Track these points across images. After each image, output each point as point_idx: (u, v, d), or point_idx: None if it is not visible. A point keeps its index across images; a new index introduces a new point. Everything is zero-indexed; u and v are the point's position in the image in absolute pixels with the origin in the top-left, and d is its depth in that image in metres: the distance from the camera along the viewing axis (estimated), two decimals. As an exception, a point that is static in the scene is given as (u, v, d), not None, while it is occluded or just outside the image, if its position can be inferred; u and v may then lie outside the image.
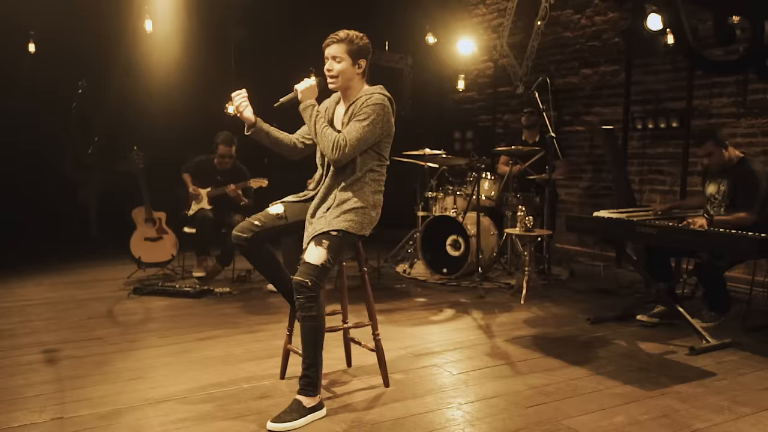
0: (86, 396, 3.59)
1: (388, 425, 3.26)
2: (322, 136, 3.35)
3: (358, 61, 3.41)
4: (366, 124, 3.34)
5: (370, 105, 3.36)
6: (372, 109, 3.36)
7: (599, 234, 5.19)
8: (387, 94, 3.45)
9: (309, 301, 3.25)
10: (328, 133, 3.34)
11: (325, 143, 3.34)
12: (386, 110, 3.40)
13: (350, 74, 3.42)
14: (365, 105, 3.37)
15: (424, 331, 4.94)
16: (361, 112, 3.36)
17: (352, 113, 3.38)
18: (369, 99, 3.38)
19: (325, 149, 3.36)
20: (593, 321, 5.13)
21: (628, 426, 3.25)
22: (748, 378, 3.93)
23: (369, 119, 3.35)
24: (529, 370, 4.06)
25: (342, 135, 3.32)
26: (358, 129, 3.33)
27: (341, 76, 3.40)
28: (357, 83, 3.46)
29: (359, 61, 3.42)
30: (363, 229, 3.44)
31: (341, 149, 3.30)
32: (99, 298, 5.79)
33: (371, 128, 3.35)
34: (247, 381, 3.84)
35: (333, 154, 3.32)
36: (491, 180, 6.95)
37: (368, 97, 3.38)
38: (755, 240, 4.05)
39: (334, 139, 3.31)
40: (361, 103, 3.37)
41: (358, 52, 3.40)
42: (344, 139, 3.31)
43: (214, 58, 8.03)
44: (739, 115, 6.47)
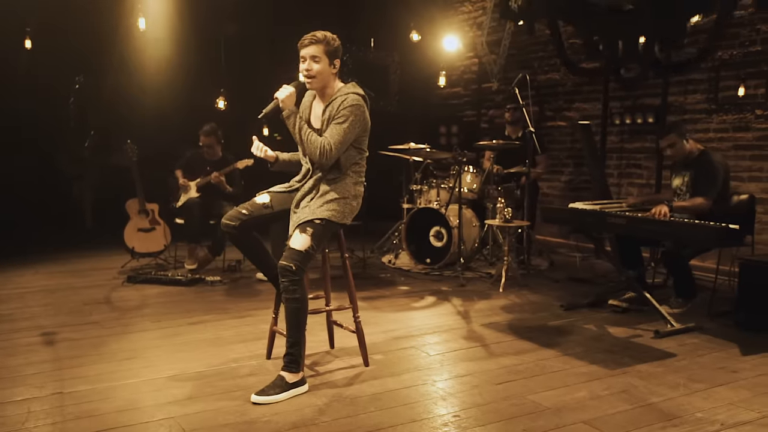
0: (83, 374, 3.82)
1: (366, 399, 3.50)
2: (308, 143, 3.58)
3: (333, 61, 3.63)
4: (346, 126, 3.57)
5: (347, 107, 3.59)
6: (350, 110, 3.59)
7: (573, 224, 5.45)
8: (361, 92, 3.68)
9: (293, 284, 3.49)
10: (314, 139, 3.57)
11: (312, 149, 3.57)
12: (362, 109, 3.63)
13: (327, 74, 3.63)
14: (342, 107, 3.59)
15: (405, 316, 5.18)
16: (340, 115, 3.59)
17: (330, 115, 3.61)
18: (345, 100, 3.60)
19: (312, 155, 3.59)
20: (567, 307, 5.38)
21: (589, 400, 3.50)
22: (706, 359, 4.19)
23: (348, 121, 3.58)
24: (502, 352, 4.31)
25: (326, 139, 3.56)
26: (340, 132, 3.57)
27: (319, 76, 3.61)
28: (332, 82, 3.69)
29: (335, 61, 3.64)
30: (344, 217, 3.67)
31: (327, 153, 3.55)
32: (94, 286, 6.02)
33: (351, 129, 3.59)
34: (235, 361, 4.07)
35: (320, 159, 3.57)
36: (473, 173, 7.19)
37: (344, 98, 3.60)
38: (715, 229, 4.31)
39: (319, 144, 3.55)
40: (338, 105, 3.59)
41: (334, 52, 3.62)
42: (328, 143, 3.55)
43: (203, 56, 8.24)
44: (710, 112, 6.73)
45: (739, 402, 3.48)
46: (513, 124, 7.44)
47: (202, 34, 8.18)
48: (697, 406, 3.42)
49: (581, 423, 3.21)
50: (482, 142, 6.86)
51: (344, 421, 3.22)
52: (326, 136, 3.57)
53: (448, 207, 6.81)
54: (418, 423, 3.21)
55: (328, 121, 3.64)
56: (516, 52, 8.99)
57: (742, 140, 6.49)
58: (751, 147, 6.43)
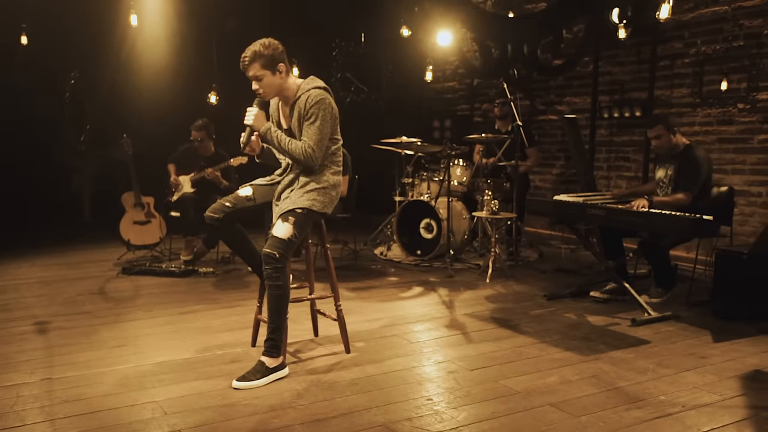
0: (73, 360, 3.96)
1: (344, 384, 3.63)
2: (290, 151, 3.71)
3: (275, 68, 3.70)
4: (318, 123, 3.70)
5: (313, 105, 3.69)
6: (317, 107, 3.70)
7: (556, 216, 5.55)
8: (321, 84, 3.80)
9: (276, 271, 3.62)
10: (294, 147, 3.70)
11: (296, 156, 3.71)
12: (328, 101, 3.75)
13: (275, 82, 3.73)
14: (309, 106, 3.70)
15: (390, 306, 5.31)
16: (309, 114, 3.70)
17: (300, 115, 3.72)
18: (309, 98, 3.70)
19: (297, 161, 3.73)
20: (549, 297, 5.50)
21: (559, 384, 3.63)
22: (678, 345, 4.31)
23: (319, 118, 3.70)
24: (481, 339, 4.44)
25: (305, 143, 3.68)
26: (315, 131, 3.70)
27: (268, 89, 3.74)
28: (288, 83, 3.79)
29: (277, 67, 3.70)
30: (325, 207, 3.80)
31: (311, 156, 3.69)
32: (89, 278, 6.16)
33: (323, 125, 3.72)
34: (221, 348, 4.21)
35: (306, 162, 3.71)
36: (463, 166, 7.31)
37: (308, 96, 3.71)
38: (689, 220, 4.43)
39: (301, 149, 3.68)
40: (303, 104, 3.70)
41: (271, 60, 3.67)
42: (309, 147, 3.68)
43: (198, 51, 8.37)
44: (695, 105, 6.83)
45: (704, 385, 3.60)
46: (502, 119, 7.54)
47: (196, 29, 8.30)
48: (662, 390, 3.54)
49: (548, 405, 3.34)
50: (471, 136, 6.97)
51: (321, 404, 3.35)
52: (305, 140, 3.69)
53: (437, 199, 6.92)
54: (392, 405, 3.34)
55: (298, 120, 3.74)
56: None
57: (725, 133, 6.60)
58: (734, 140, 6.54)
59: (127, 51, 8.22)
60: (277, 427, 3.09)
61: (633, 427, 3.10)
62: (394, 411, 3.29)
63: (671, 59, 7.08)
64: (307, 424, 3.13)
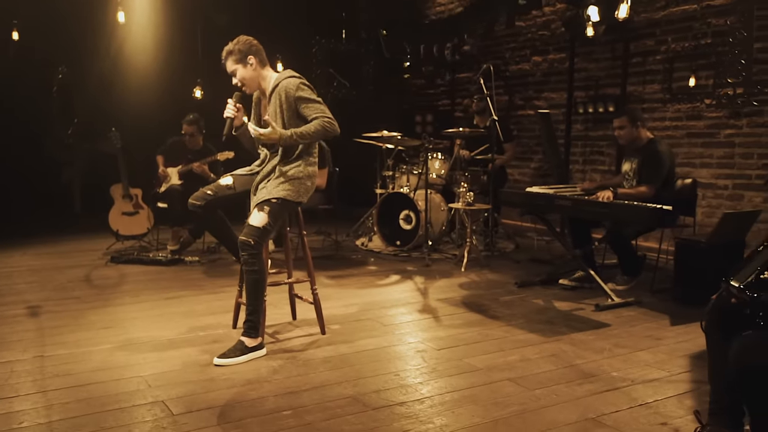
0: (63, 340, 4.18)
1: (318, 362, 3.87)
2: (314, 136, 3.91)
3: (246, 61, 3.98)
4: (314, 98, 3.95)
5: (297, 90, 3.92)
6: (301, 91, 3.93)
7: (527, 207, 5.79)
8: (295, 74, 4.04)
9: (251, 257, 3.85)
10: (313, 130, 3.89)
11: (320, 134, 3.92)
12: (306, 83, 4.00)
13: (248, 74, 4.00)
14: (294, 94, 3.92)
15: (367, 292, 5.55)
16: (301, 99, 3.93)
17: (279, 102, 3.94)
18: (289, 86, 3.93)
19: (327, 136, 3.94)
20: (520, 285, 5.75)
21: (519, 362, 3.87)
22: (637, 328, 4.56)
23: (312, 94, 3.96)
24: (451, 323, 4.68)
25: (319, 120, 3.89)
26: (318, 106, 3.94)
27: (246, 82, 4.01)
28: (263, 75, 4.06)
29: (247, 60, 3.98)
30: (300, 196, 4.03)
31: (330, 126, 3.90)
32: (79, 266, 6.37)
33: (318, 98, 3.98)
34: (203, 330, 4.44)
35: (332, 131, 3.92)
36: (441, 160, 7.55)
37: (287, 85, 3.94)
38: (648, 210, 4.69)
39: (321, 127, 3.89)
40: (284, 95, 3.92)
41: (240, 55, 3.97)
42: (322, 120, 3.89)
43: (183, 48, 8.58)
44: (666, 101, 7.08)
45: (654, 363, 3.85)
46: (480, 114, 7.76)
47: (182, 25, 8.50)
48: (615, 367, 3.80)
49: (507, 380, 3.59)
50: (449, 130, 7.20)
51: (294, 379, 3.59)
52: (316, 116, 3.90)
53: (416, 192, 7.16)
54: (361, 380, 3.59)
55: (278, 107, 3.96)
56: (491, 42, 9.34)
57: (694, 128, 6.85)
58: (702, 135, 6.79)
59: (115, 46, 8.41)
60: (252, 398, 3.33)
61: (583, 399, 3.35)
62: (363, 385, 3.53)
63: (643, 56, 7.32)
64: (280, 396, 3.37)
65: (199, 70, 8.01)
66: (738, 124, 6.42)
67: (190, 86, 7.67)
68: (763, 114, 6.19)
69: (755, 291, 2.32)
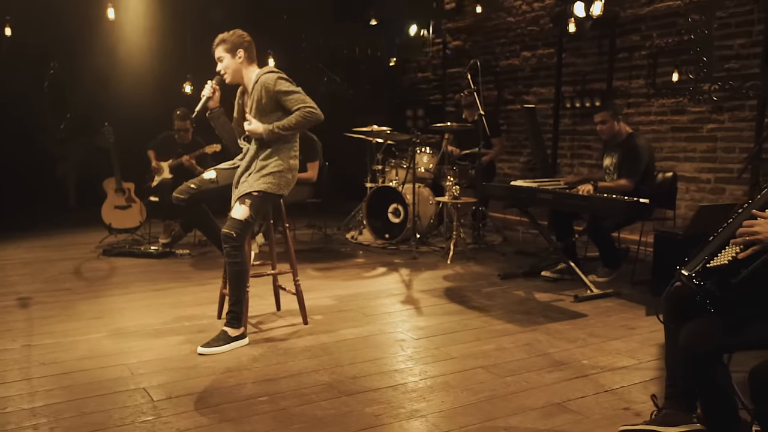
0: (51, 330, 4.29)
1: (298, 350, 3.98)
2: (296, 126, 4.03)
3: (236, 53, 4.10)
4: (293, 89, 4.06)
5: (276, 84, 4.03)
6: (280, 84, 4.04)
7: (510, 200, 5.90)
8: (273, 69, 4.15)
9: (234, 249, 3.96)
10: (295, 121, 4.01)
11: (303, 125, 4.06)
12: (284, 76, 4.11)
13: (234, 65, 4.11)
14: (274, 87, 4.03)
15: (352, 284, 5.65)
16: (280, 92, 4.05)
17: (259, 96, 4.05)
18: (268, 82, 4.04)
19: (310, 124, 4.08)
20: (503, 276, 5.86)
21: (494, 351, 3.98)
22: (613, 319, 4.67)
23: (291, 86, 4.08)
24: (431, 313, 4.79)
25: (299, 110, 4.01)
26: (297, 96, 4.05)
27: (228, 71, 4.11)
28: (248, 69, 4.16)
29: (237, 52, 4.10)
30: (281, 189, 4.14)
31: (311, 114, 4.02)
32: (71, 259, 6.48)
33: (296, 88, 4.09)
34: (189, 320, 4.55)
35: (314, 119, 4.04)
36: (430, 154, 7.65)
37: (266, 79, 4.05)
38: (625, 202, 4.79)
39: (302, 117, 4.01)
40: (266, 87, 4.03)
41: (232, 46, 4.09)
42: (303, 109, 4.01)
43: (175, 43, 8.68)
44: (651, 96, 7.18)
45: (625, 352, 3.96)
46: (468, 108, 7.85)
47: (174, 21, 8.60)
48: (586, 355, 3.90)
49: (479, 368, 3.70)
50: (437, 125, 7.30)
51: (273, 367, 3.70)
52: (297, 107, 4.02)
53: (404, 185, 7.26)
54: (338, 368, 3.70)
55: (257, 101, 4.06)
56: (480, 38, 9.43)
57: (678, 123, 6.95)
58: (686, 129, 6.89)
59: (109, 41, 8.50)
60: (230, 385, 3.44)
61: (551, 386, 3.46)
62: (340, 372, 3.64)
63: (629, 51, 7.42)
64: (258, 383, 3.48)
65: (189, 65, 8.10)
66: (720, 119, 6.52)
67: (181, 81, 7.76)
68: (744, 108, 6.28)
69: (701, 279, 2.42)
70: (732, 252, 2.38)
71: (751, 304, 2.36)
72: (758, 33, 6.12)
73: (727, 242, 2.42)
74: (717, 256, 2.42)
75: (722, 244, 2.44)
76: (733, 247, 2.38)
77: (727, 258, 2.38)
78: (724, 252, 2.41)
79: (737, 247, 2.36)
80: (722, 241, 2.45)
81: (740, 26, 6.28)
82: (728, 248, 2.40)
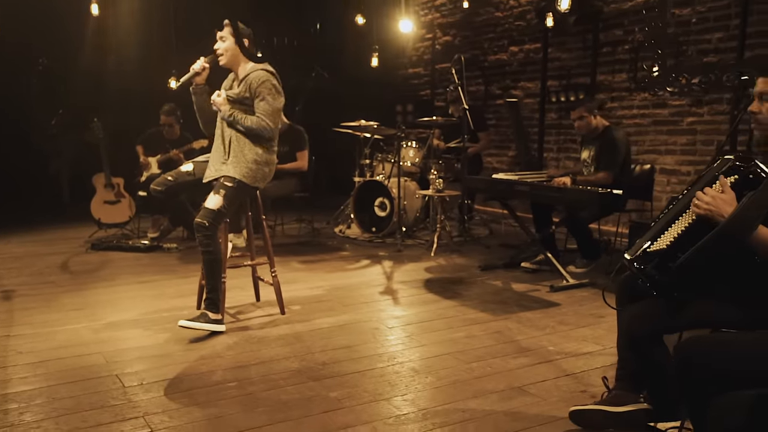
0: (31, 321, 4.39)
1: (272, 338, 4.07)
2: (248, 129, 4.13)
3: (240, 39, 4.18)
4: (269, 98, 4.14)
5: (260, 84, 4.13)
6: (264, 87, 4.14)
7: (490, 192, 5.98)
8: (270, 69, 4.22)
9: (206, 238, 4.05)
10: (248, 124, 4.11)
11: (251, 132, 4.13)
12: (274, 82, 4.18)
13: (235, 52, 4.18)
14: (258, 86, 4.13)
15: (335, 276, 5.73)
16: (258, 93, 4.14)
17: (247, 89, 4.13)
18: (258, 79, 4.13)
19: (258, 136, 4.15)
20: (483, 268, 5.94)
21: (463, 338, 4.07)
22: (585, 307, 4.75)
23: (269, 94, 4.14)
24: (409, 303, 4.87)
25: (259, 118, 4.11)
26: (265, 106, 4.14)
27: (225, 52, 4.18)
28: (242, 60, 4.23)
29: (242, 39, 4.19)
30: (256, 181, 4.22)
31: (263, 130, 4.12)
32: (59, 253, 6.57)
33: (273, 99, 4.16)
34: (169, 311, 4.64)
35: (261, 131, 4.12)
36: (416, 148, 7.73)
37: (256, 76, 4.14)
38: (597, 194, 4.87)
39: (256, 124, 4.11)
40: (252, 83, 4.12)
41: (240, 32, 4.18)
42: (263, 120, 4.12)
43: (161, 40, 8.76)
44: (633, 90, 7.24)
45: (592, 338, 4.04)
46: (453, 103, 7.93)
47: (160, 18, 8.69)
48: (553, 342, 3.99)
49: (447, 355, 3.79)
50: (422, 119, 7.38)
51: (246, 354, 3.79)
52: (259, 115, 4.12)
53: (390, 179, 7.34)
54: (309, 354, 3.78)
55: (245, 92, 4.15)
56: (469, 33, 9.50)
57: (659, 116, 7.01)
58: (667, 122, 6.94)
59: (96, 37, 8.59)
60: (202, 372, 3.53)
61: (514, 371, 3.54)
62: (310, 359, 3.72)
63: (613, 46, 7.47)
64: (229, 369, 3.57)
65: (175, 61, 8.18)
66: (699, 112, 6.58)
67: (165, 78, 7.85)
68: (722, 102, 6.34)
69: (642, 263, 2.50)
70: (671, 236, 2.45)
71: (690, 287, 2.44)
72: (734, 27, 6.16)
73: (668, 226, 2.49)
74: (657, 241, 2.50)
75: (663, 228, 2.52)
76: (671, 231, 2.45)
77: (666, 242, 2.46)
78: (663, 236, 2.49)
79: (676, 231, 2.44)
80: (663, 225, 2.53)
81: (718, 20, 6.33)
82: (667, 232, 2.48)
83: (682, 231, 2.43)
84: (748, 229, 2.17)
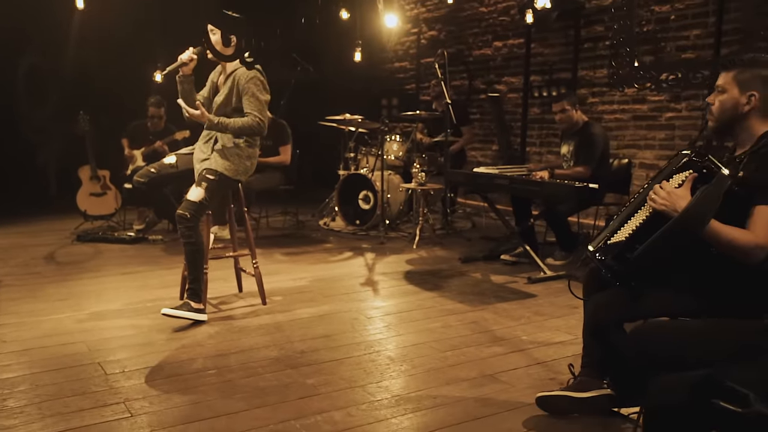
0: (17, 311, 4.46)
1: (252, 328, 4.16)
2: (239, 130, 4.20)
3: (230, 39, 4.24)
4: (258, 94, 4.23)
5: (249, 81, 4.21)
6: (252, 82, 4.22)
7: (470, 185, 6.08)
8: (258, 69, 4.30)
9: (188, 230, 4.13)
10: (240, 125, 4.18)
11: (245, 132, 4.21)
12: (261, 78, 4.26)
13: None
14: (246, 82, 4.21)
15: (317, 267, 5.82)
16: (247, 89, 4.22)
17: (234, 85, 4.21)
18: (245, 74, 4.21)
19: (252, 134, 4.24)
20: (464, 260, 6.04)
21: (439, 328, 4.17)
22: (561, 299, 4.86)
23: (257, 90, 4.23)
24: (388, 294, 4.97)
25: (251, 115, 4.19)
26: (254, 102, 4.22)
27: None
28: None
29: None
30: (238, 174, 4.30)
31: (258, 127, 4.20)
32: (45, 245, 6.63)
33: (262, 95, 4.25)
34: (152, 301, 4.71)
35: (255, 128, 4.20)
36: (399, 142, 7.82)
37: (244, 72, 4.22)
38: (574, 187, 4.98)
39: (249, 123, 4.18)
40: (240, 79, 4.20)
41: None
42: (255, 117, 4.19)
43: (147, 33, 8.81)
44: (613, 85, 7.35)
45: (565, 329, 4.15)
46: (436, 98, 8.03)
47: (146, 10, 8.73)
48: (526, 332, 4.10)
49: (422, 344, 3.89)
50: (406, 113, 7.47)
51: (226, 343, 3.88)
52: (249, 112, 4.20)
53: (374, 173, 7.43)
54: (288, 344, 3.88)
55: (230, 89, 4.24)
56: (454, 28, 9.59)
57: (639, 111, 7.13)
58: (646, 118, 7.07)
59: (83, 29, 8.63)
60: (182, 360, 3.62)
61: (487, 359, 3.65)
62: (289, 347, 3.82)
63: (594, 41, 7.59)
64: (209, 357, 3.66)
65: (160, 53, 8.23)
66: (677, 107, 6.70)
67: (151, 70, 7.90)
68: (699, 98, 6.46)
69: (603, 255, 2.61)
70: (629, 229, 2.56)
71: (648, 277, 2.54)
72: (711, 25, 6.28)
73: (627, 219, 2.60)
74: (617, 233, 2.60)
75: (623, 221, 2.62)
76: (630, 223, 2.56)
77: (625, 234, 2.56)
78: (623, 229, 2.59)
79: (635, 224, 2.54)
80: (624, 217, 2.63)
81: (696, 18, 6.45)
82: (627, 225, 2.58)
83: (640, 224, 2.53)
84: (700, 223, 2.27)
